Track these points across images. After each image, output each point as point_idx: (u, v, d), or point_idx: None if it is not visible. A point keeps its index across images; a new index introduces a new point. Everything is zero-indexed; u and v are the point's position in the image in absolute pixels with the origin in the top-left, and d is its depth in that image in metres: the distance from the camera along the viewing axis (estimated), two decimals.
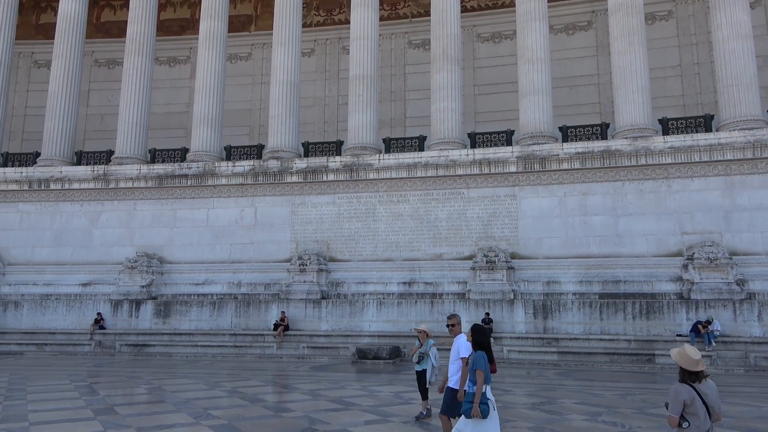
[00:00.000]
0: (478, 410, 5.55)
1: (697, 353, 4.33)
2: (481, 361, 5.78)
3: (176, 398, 11.06)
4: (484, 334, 5.98)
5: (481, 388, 5.64)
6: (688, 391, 4.24)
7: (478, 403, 5.58)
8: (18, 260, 23.37)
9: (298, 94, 24.16)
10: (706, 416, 4.21)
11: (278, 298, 21.22)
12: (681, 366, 4.32)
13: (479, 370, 5.72)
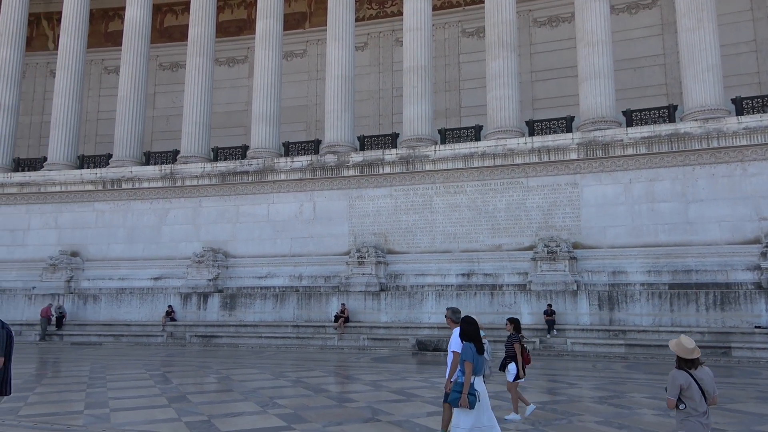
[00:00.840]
0: (465, 400, 5.67)
1: (692, 342, 4.75)
2: (469, 353, 5.86)
3: (243, 387, 11.45)
4: (472, 325, 6.04)
5: (468, 380, 5.74)
6: (685, 376, 4.65)
7: (466, 393, 5.69)
8: (95, 256, 24.76)
9: (353, 88, 24.33)
10: (702, 399, 4.62)
11: (338, 290, 21.54)
12: (677, 354, 4.74)
13: (467, 361, 5.81)
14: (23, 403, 9.64)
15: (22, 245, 25.44)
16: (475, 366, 5.88)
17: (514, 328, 8.81)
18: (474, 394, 5.76)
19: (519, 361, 8.54)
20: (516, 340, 8.70)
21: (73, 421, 8.27)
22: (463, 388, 5.75)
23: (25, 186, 25.65)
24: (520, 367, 8.55)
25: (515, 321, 8.93)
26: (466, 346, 5.94)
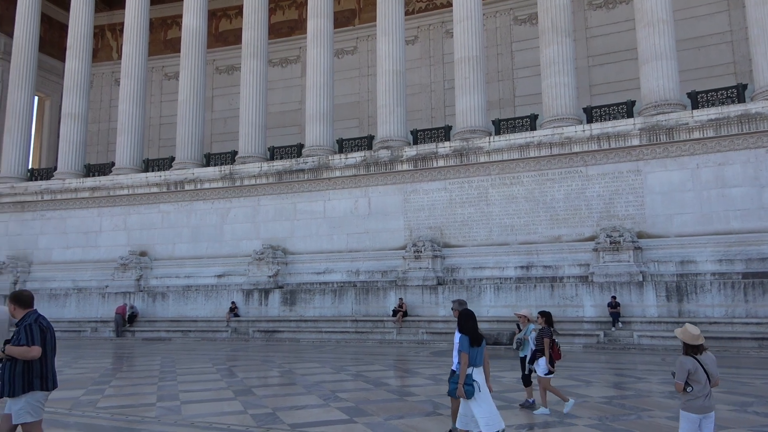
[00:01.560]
0: (462, 390, 5.86)
1: (697, 330, 5.19)
2: (465, 344, 6.01)
3: (306, 381, 11.67)
4: (469, 318, 6.17)
5: (465, 370, 5.91)
6: (692, 362, 5.09)
7: (462, 384, 5.88)
8: (162, 255, 25.84)
9: (404, 83, 24.29)
10: (707, 382, 5.09)
11: (395, 285, 21.61)
12: (684, 341, 5.20)
13: (463, 352, 5.98)
14: (100, 396, 10.18)
15: (95, 246, 26.86)
16: (472, 357, 6.01)
17: (545, 321, 8.64)
18: (472, 384, 5.89)
19: (546, 355, 8.39)
20: (547, 334, 8.53)
21: (146, 413, 8.66)
22: (459, 379, 5.91)
23: (96, 190, 27.03)
24: (547, 361, 8.39)
25: (546, 314, 8.75)
26: (462, 338, 6.09)
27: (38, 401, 5.21)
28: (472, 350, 6.05)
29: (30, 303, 5.37)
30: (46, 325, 5.30)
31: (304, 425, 7.66)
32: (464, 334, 6.10)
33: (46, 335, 5.26)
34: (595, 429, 7.36)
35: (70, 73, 28.95)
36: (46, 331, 5.27)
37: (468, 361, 5.96)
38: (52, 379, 5.31)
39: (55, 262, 27.24)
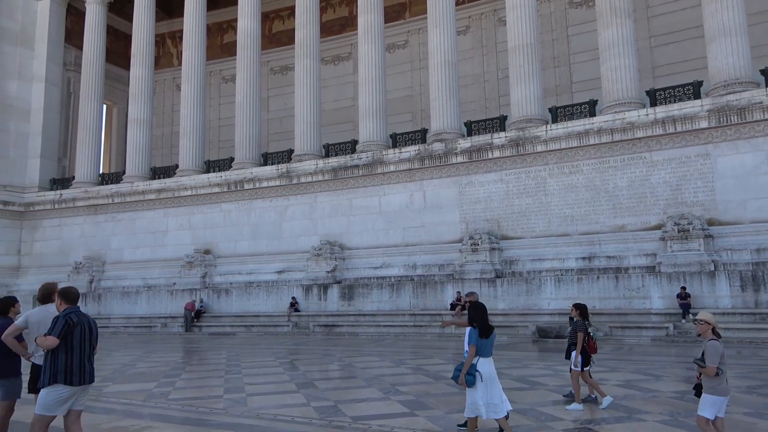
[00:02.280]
0: (463, 379, 6.17)
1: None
2: (473, 337, 6.29)
3: (366, 374, 11.77)
4: (478, 310, 6.44)
5: (470, 361, 6.21)
6: (721, 345, 5.35)
7: (464, 373, 6.17)
8: (224, 253, 26.70)
9: (457, 74, 24.02)
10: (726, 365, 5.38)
11: (452, 278, 21.46)
12: (713, 325, 5.44)
13: (471, 345, 6.26)
14: (172, 388, 10.62)
15: (162, 246, 28.05)
16: (480, 348, 6.28)
17: (580, 314, 8.41)
18: (473, 374, 6.16)
19: (578, 350, 8.19)
20: (580, 327, 8.30)
21: (214, 404, 8.96)
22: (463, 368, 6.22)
23: (162, 192, 28.20)
24: (578, 355, 8.20)
25: (581, 307, 8.50)
26: (471, 330, 6.36)
27: (60, 395, 5.32)
28: (481, 341, 6.28)
29: (74, 299, 5.56)
30: (77, 320, 5.38)
31: (365, 418, 7.72)
32: (474, 327, 6.34)
33: (74, 330, 5.33)
34: (667, 425, 7.06)
35: (134, 81, 30.30)
36: (75, 325, 5.35)
37: (475, 351, 6.22)
38: (78, 374, 5.35)
39: (126, 261, 28.63)
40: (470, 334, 6.33)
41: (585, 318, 8.43)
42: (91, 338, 5.54)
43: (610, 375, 11.11)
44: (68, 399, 5.38)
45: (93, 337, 5.59)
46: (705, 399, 5.30)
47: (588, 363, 8.31)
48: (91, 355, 5.55)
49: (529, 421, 7.51)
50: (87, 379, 5.47)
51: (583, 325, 8.33)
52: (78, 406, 5.56)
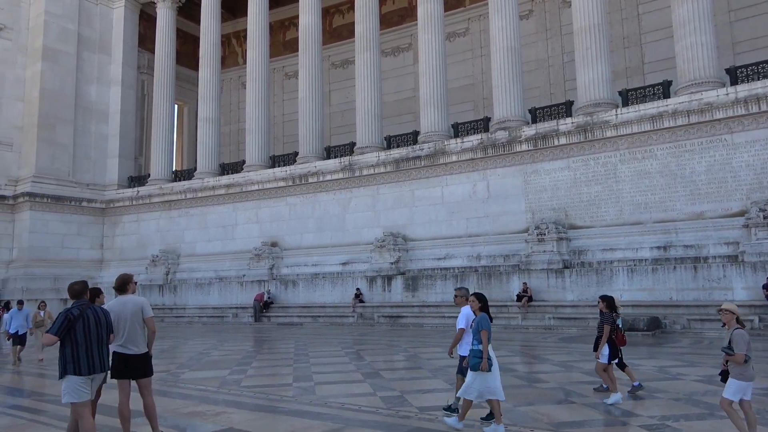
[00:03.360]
0: (486, 364, 6.43)
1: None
2: (485, 322, 6.63)
3: (431, 365, 11.75)
4: (486, 300, 6.93)
5: (486, 346, 6.48)
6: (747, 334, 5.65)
7: (486, 358, 6.43)
8: (290, 245, 27.33)
9: (520, 60, 23.41)
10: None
11: (518, 269, 21.04)
12: (737, 315, 5.73)
13: (484, 330, 6.54)
14: (244, 376, 11.00)
15: (232, 239, 29.06)
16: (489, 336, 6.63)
17: (607, 306, 8.31)
18: (489, 358, 6.49)
19: (603, 342, 8.13)
20: (607, 320, 8.19)
21: (284, 392, 9.20)
22: (482, 354, 6.45)
23: (231, 187, 29.17)
24: (601, 347, 8.15)
25: (607, 299, 8.42)
26: (483, 317, 6.71)
27: (76, 384, 5.54)
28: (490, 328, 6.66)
29: (76, 294, 5.75)
30: (78, 314, 5.56)
31: (431, 408, 7.70)
32: (485, 314, 6.78)
33: (76, 324, 5.52)
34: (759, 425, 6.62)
35: (202, 81, 31.45)
36: (76, 319, 5.53)
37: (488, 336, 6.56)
38: (86, 364, 5.54)
39: (199, 254, 29.86)
40: (481, 321, 6.66)
41: (612, 310, 8.32)
42: (98, 329, 5.68)
43: (689, 370, 10.59)
44: (84, 385, 5.59)
45: (101, 327, 5.71)
46: (731, 383, 5.61)
47: (616, 356, 8.21)
48: (101, 344, 5.70)
49: (602, 416, 7.26)
50: (96, 368, 5.64)
51: (610, 317, 8.21)
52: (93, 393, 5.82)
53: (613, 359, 8.16)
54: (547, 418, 7.23)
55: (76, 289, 5.81)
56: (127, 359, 6.19)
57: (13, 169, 31.01)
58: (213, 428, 7.01)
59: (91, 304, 5.82)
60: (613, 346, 8.16)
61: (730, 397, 5.64)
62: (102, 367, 5.71)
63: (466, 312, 7.19)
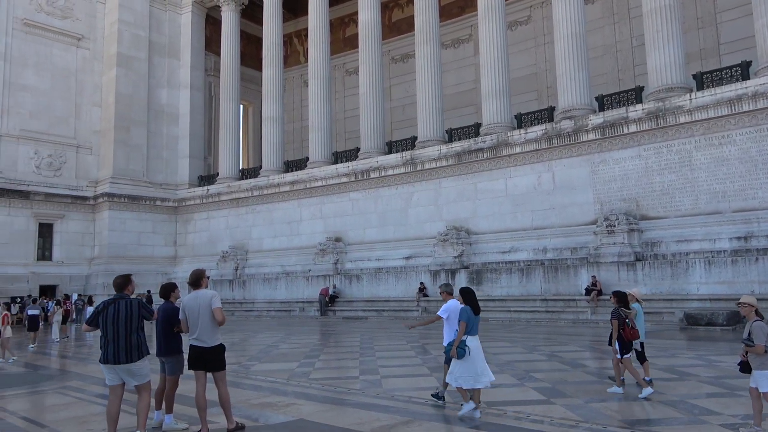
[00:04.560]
0: (454, 351, 7.03)
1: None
2: (464, 314, 7.19)
3: (497, 360, 11.60)
4: (471, 294, 7.44)
5: (461, 335, 7.08)
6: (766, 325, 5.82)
7: (455, 346, 7.04)
8: (354, 240, 27.66)
9: (585, 46, 22.62)
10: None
11: (586, 262, 20.41)
12: (756, 307, 5.94)
13: (462, 321, 7.14)
14: (312, 368, 11.26)
15: (297, 234, 29.74)
16: (471, 326, 7.15)
17: (617, 301, 8.46)
18: (464, 348, 6.99)
19: (614, 336, 8.19)
20: (614, 314, 8.28)
21: (351, 385, 9.35)
22: (462, 344, 7.02)
23: (295, 184, 29.83)
24: (613, 343, 8.22)
25: (619, 294, 8.56)
26: (465, 308, 7.26)
27: (103, 370, 6.18)
28: (472, 319, 7.20)
29: (117, 288, 6.23)
30: (102, 307, 6.07)
31: (500, 404, 7.62)
32: (467, 305, 7.26)
33: (100, 316, 6.04)
34: None
35: (266, 81, 32.27)
36: (101, 312, 6.04)
37: (466, 328, 7.08)
38: (104, 354, 6.05)
39: (266, 249, 30.74)
40: (462, 311, 7.21)
41: (624, 305, 8.42)
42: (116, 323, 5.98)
43: None
44: (107, 372, 6.10)
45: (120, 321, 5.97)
46: (759, 375, 5.81)
47: (629, 350, 8.20)
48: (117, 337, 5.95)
49: (680, 414, 6.95)
50: (110, 359, 5.94)
51: (617, 312, 8.27)
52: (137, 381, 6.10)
53: (625, 353, 8.14)
54: (620, 415, 7.01)
55: (117, 282, 6.25)
56: (201, 352, 6.46)
57: (93, 171, 32.97)
58: (284, 419, 7.22)
59: (124, 298, 6.13)
60: (621, 339, 8.18)
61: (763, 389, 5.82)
62: (116, 359, 5.94)
63: (449, 305, 7.79)
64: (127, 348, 6.00)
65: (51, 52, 31.95)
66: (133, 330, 6.07)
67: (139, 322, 6.16)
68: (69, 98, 32.48)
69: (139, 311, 6.16)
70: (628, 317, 8.28)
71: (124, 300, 6.16)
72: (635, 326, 8.29)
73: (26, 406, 8.94)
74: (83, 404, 8.63)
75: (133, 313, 6.11)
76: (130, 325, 6.06)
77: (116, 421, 6.07)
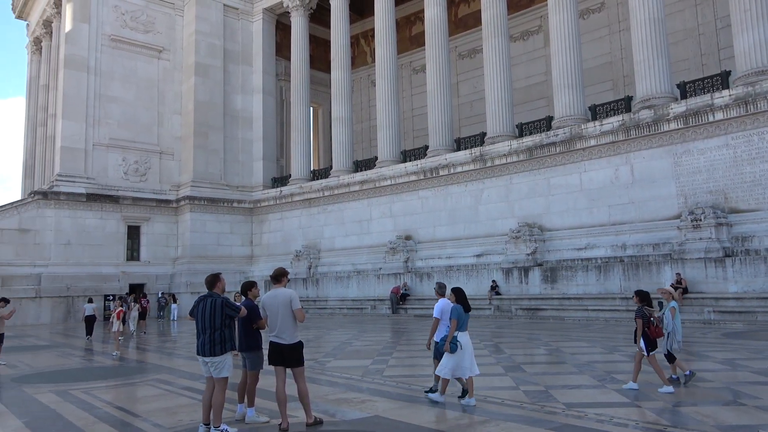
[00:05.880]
0: (448, 346, 7.58)
1: None
2: (455, 312, 7.74)
3: (576, 360, 11.24)
4: (462, 293, 7.94)
5: (453, 331, 7.63)
6: None
7: (449, 341, 7.60)
8: (423, 238, 27.62)
9: (665, 31, 21.48)
10: None
11: (670, 258, 19.37)
12: None
13: (453, 318, 7.70)
14: (385, 366, 11.34)
15: (367, 233, 30.05)
16: (461, 323, 7.70)
17: (640, 300, 8.54)
18: (456, 343, 7.54)
19: (639, 335, 8.32)
20: (638, 314, 8.43)
21: (425, 383, 9.30)
22: (454, 339, 7.56)
23: (365, 183, 30.15)
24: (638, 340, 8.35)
25: (641, 293, 8.61)
26: (456, 306, 7.77)
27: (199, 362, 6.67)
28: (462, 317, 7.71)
29: (207, 286, 6.68)
30: (195, 305, 6.64)
31: (579, 405, 7.36)
32: (459, 304, 7.77)
33: (195, 310, 6.59)
34: None
35: (335, 83, 32.81)
36: (194, 308, 6.60)
37: (457, 325, 7.63)
38: (196, 346, 6.57)
39: (338, 248, 31.27)
40: (454, 310, 7.74)
41: (646, 303, 8.50)
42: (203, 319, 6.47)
43: None
44: (201, 364, 6.62)
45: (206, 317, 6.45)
46: None
47: (653, 347, 8.34)
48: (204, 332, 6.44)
49: None
50: (199, 351, 6.51)
51: (640, 311, 8.39)
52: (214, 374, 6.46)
53: (650, 350, 8.29)
54: (712, 420, 6.60)
55: (207, 281, 6.74)
56: (280, 349, 6.66)
57: (175, 175, 34.74)
58: (360, 415, 7.30)
59: (212, 296, 6.60)
60: (647, 338, 8.33)
61: None
62: (202, 351, 6.48)
63: (441, 305, 8.08)
64: (212, 342, 6.45)
65: (135, 64, 33.93)
66: (217, 326, 6.47)
67: (223, 319, 6.49)
68: (152, 107, 34.38)
69: (222, 309, 6.49)
70: (653, 315, 8.42)
71: (212, 298, 6.58)
72: (660, 324, 8.49)
73: (121, 397, 9.55)
74: (172, 396, 9.11)
75: (216, 310, 6.49)
76: (214, 321, 6.47)
77: (209, 408, 6.50)
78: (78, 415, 7.85)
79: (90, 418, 7.65)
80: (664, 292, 9.20)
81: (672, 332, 9.01)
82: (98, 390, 9.92)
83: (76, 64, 31.69)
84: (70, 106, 31.34)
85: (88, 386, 10.26)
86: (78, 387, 10.16)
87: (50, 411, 8.23)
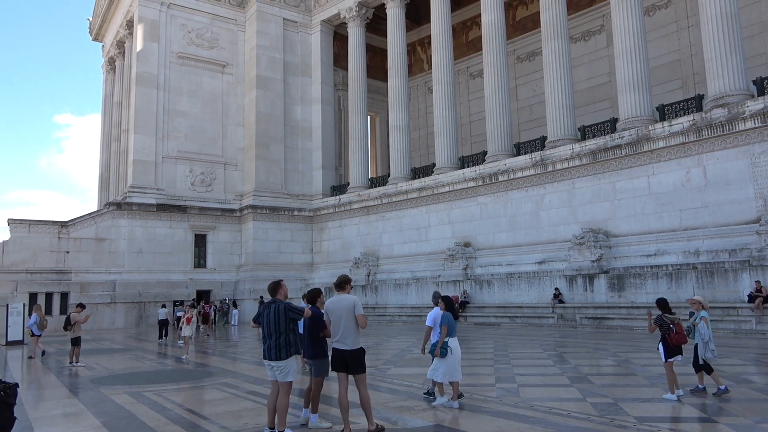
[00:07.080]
0: (439, 351, 8.09)
1: None
2: (446, 319, 8.23)
3: (646, 372, 10.74)
4: (451, 301, 8.56)
5: (444, 337, 8.13)
6: None
7: (439, 347, 8.10)
8: (483, 245, 27.22)
9: (739, 25, 20.36)
10: None
11: (748, 265, 18.23)
12: None
13: (444, 325, 8.19)
14: None
15: (425, 240, 29.93)
16: (452, 329, 8.24)
17: (660, 308, 8.69)
18: (446, 348, 8.08)
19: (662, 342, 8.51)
20: (656, 321, 8.62)
21: (487, 392, 9.16)
22: (444, 345, 8.09)
23: (422, 190, 30.08)
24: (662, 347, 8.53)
25: (660, 301, 8.80)
26: (446, 314, 8.27)
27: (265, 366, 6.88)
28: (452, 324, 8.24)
29: (269, 293, 6.91)
30: (259, 311, 6.89)
31: (652, 420, 7.01)
32: (449, 312, 8.30)
33: (260, 317, 6.84)
34: None
35: (392, 91, 32.99)
36: (261, 313, 6.82)
37: (448, 331, 8.15)
38: (263, 350, 6.81)
39: (396, 256, 31.30)
40: (444, 317, 8.24)
41: (667, 311, 8.64)
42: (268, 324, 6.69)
43: None
44: (267, 368, 6.82)
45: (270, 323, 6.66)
46: None
47: (672, 354, 8.43)
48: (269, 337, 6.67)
49: None
50: (265, 355, 6.74)
51: (659, 319, 8.58)
52: (280, 378, 6.64)
53: (670, 357, 8.42)
54: None
55: (269, 288, 6.98)
56: (343, 354, 6.71)
57: (238, 185, 35.85)
58: (422, 423, 7.24)
59: (275, 302, 6.82)
60: (666, 345, 8.48)
61: None
62: (268, 355, 6.70)
63: (433, 314, 8.53)
64: (277, 347, 6.68)
65: (201, 79, 35.34)
66: (281, 331, 6.67)
67: (287, 324, 6.67)
68: (216, 120, 35.68)
69: (285, 314, 6.68)
70: (673, 323, 8.51)
71: (275, 303, 6.80)
72: (681, 331, 8.51)
73: (190, 399, 9.88)
74: (237, 400, 9.35)
75: (280, 316, 6.69)
76: (278, 326, 6.68)
77: (274, 412, 6.72)
78: (151, 416, 8.18)
79: (162, 420, 7.95)
80: (694, 302, 9.06)
81: (707, 342, 8.67)
82: (169, 392, 10.31)
83: (147, 81, 33.34)
84: (141, 121, 32.98)
85: (159, 388, 10.70)
86: (150, 389, 10.60)
87: (125, 411, 8.62)
